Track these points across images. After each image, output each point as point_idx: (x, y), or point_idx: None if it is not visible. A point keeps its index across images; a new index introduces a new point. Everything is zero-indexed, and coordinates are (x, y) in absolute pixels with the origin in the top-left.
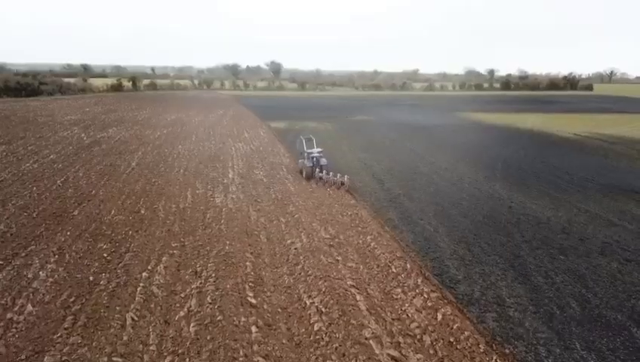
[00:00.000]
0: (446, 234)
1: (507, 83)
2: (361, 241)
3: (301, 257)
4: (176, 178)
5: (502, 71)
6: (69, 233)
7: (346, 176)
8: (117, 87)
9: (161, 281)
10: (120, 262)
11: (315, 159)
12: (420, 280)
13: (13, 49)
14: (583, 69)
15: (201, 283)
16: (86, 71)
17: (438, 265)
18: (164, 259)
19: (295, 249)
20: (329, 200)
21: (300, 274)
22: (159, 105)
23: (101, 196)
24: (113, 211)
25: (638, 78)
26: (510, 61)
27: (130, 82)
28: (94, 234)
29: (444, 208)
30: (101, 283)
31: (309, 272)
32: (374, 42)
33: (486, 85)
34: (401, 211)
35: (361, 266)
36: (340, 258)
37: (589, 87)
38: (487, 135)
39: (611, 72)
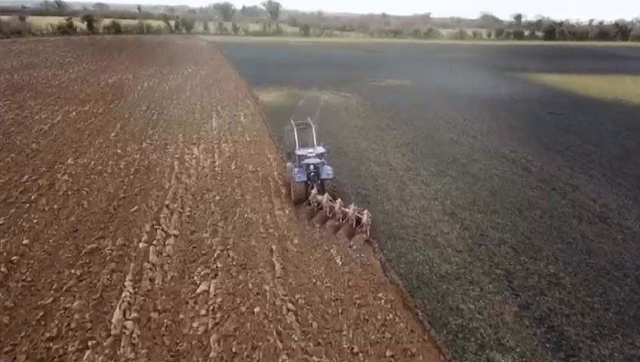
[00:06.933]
0: None
1: (552, 31)
2: None
3: None
4: None
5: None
6: None
7: (366, 211)
8: (66, 29)
9: None
10: None
11: (312, 168)
12: None
13: None
14: (605, 15)
15: None
16: (60, 8)
17: None
18: None
19: None
20: None
21: None
22: (107, 56)
23: None
24: None
25: None
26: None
27: (85, 23)
28: None
29: None
30: None
31: None
32: None
33: (527, 33)
34: None
35: None
36: None
37: None
38: (611, 122)
39: None
